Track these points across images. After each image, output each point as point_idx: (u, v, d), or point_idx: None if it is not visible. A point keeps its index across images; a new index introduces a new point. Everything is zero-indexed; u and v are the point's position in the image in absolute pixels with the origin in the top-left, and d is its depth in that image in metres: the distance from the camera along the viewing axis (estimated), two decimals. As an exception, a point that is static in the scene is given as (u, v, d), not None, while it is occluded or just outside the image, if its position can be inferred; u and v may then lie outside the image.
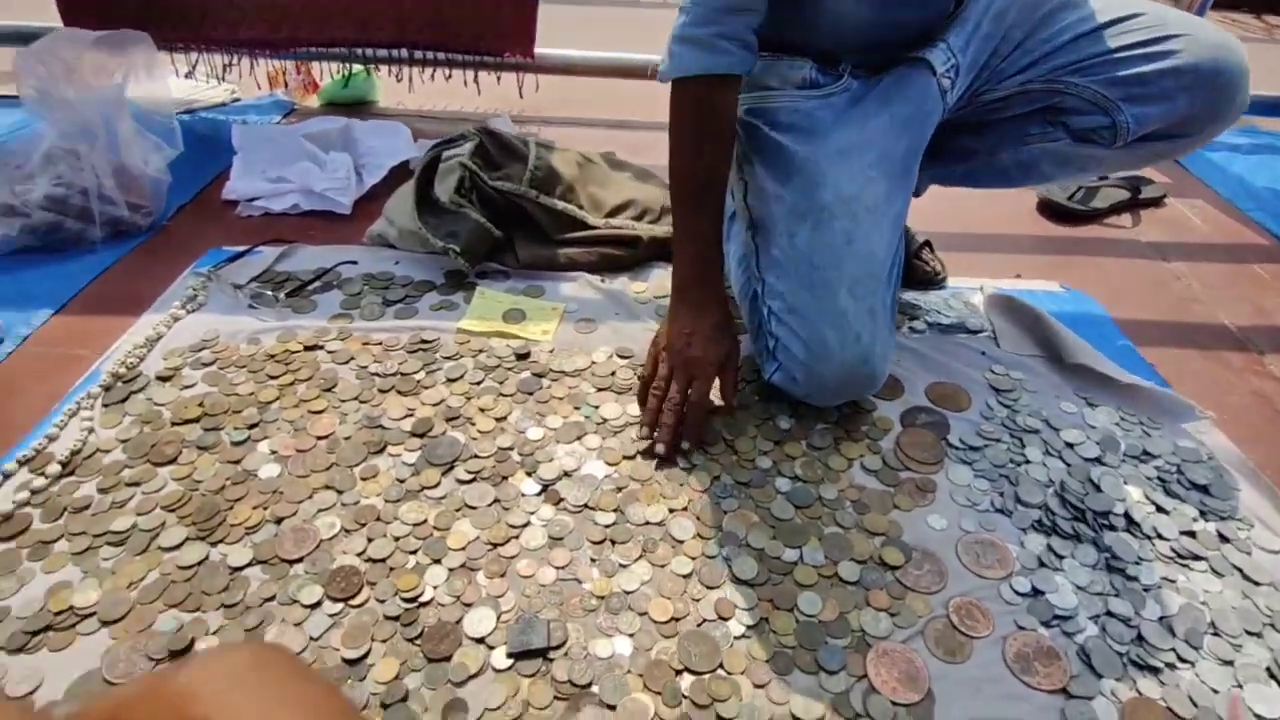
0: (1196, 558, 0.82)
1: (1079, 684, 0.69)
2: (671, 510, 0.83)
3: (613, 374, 1.01)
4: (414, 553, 0.78)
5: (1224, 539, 0.84)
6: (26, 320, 1.08)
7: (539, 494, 0.84)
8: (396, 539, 0.79)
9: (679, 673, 0.69)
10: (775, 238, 0.92)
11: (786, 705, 0.67)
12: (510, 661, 0.69)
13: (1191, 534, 0.84)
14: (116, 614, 0.71)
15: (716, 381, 0.90)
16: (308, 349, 1.03)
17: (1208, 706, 0.68)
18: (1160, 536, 0.83)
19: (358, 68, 1.72)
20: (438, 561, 0.77)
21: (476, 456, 0.88)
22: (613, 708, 0.66)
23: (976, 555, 0.81)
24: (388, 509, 0.82)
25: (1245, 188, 1.63)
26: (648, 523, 0.82)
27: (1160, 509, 0.87)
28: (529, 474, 0.87)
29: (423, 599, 0.73)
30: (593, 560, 0.78)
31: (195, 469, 0.86)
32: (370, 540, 0.78)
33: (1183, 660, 0.72)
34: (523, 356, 1.03)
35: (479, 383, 0.99)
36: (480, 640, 0.70)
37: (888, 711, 0.66)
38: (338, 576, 0.75)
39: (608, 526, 0.81)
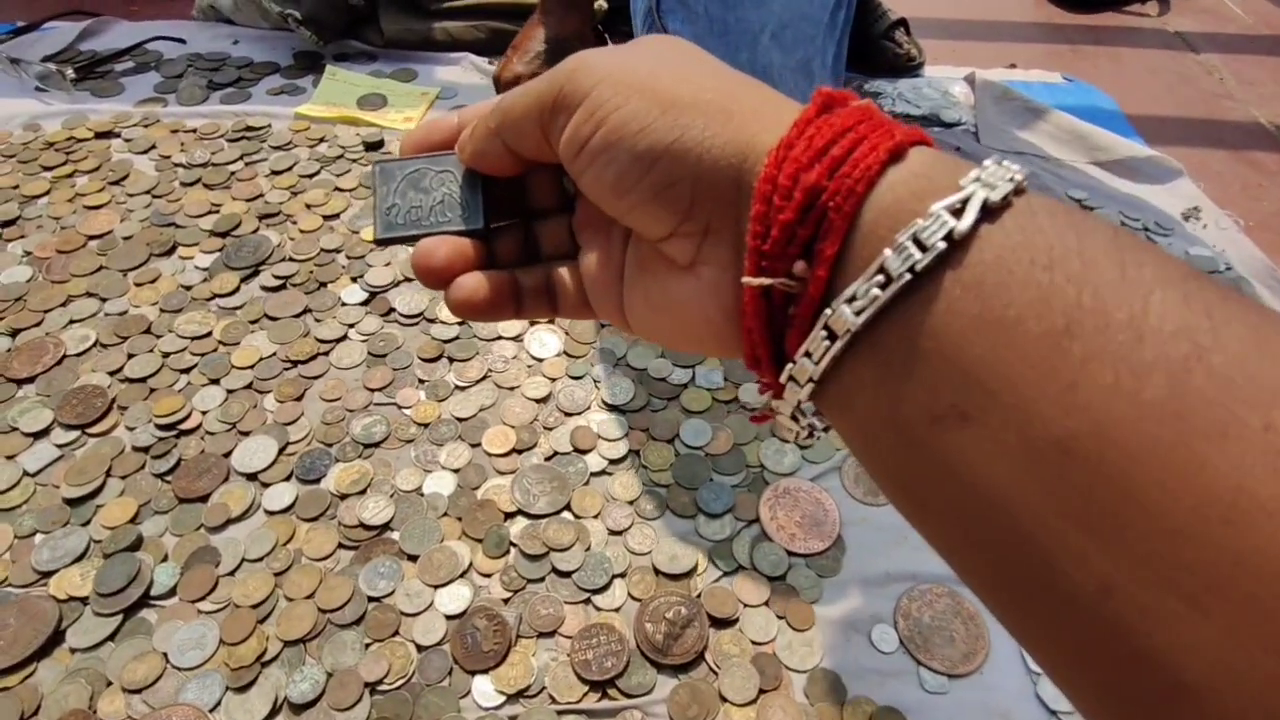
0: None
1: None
2: (533, 323, 0.65)
3: (485, 166, 0.79)
4: (187, 371, 0.60)
5: (1236, 360, 0.66)
6: None
7: (364, 303, 0.66)
8: (166, 355, 0.60)
9: (509, 516, 0.52)
10: (682, -36, 0.68)
11: (648, 555, 0.51)
12: (290, 499, 0.52)
13: (1196, 354, 0.66)
14: None
15: None
16: (99, 136, 0.81)
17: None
18: (1156, 357, 0.66)
19: None
20: (215, 382, 0.59)
21: (291, 259, 0.69)
22: (414, 558, 0.50)
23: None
24: (162, 320, 0.63)
25: (1301, -24, 1.34)
26: (499, 337, 0.64)
27: (1160, 325, 0.68)
28: (355, 279, 0.67)
29: (186, 426, 0.56)
30: (421, 381, 0.60)
31: (-80, 273, 0.66)
32: (130, 356, 0.60)
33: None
34: (374, 146, 0.81)
35: (312, 175, 0.78)
36: (252, 476, 0.53)
37: (780, 563, 0.51)
38: (73, 399, 0.57)
39: (447, 341, 0.63)
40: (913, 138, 0.17)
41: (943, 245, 0.15)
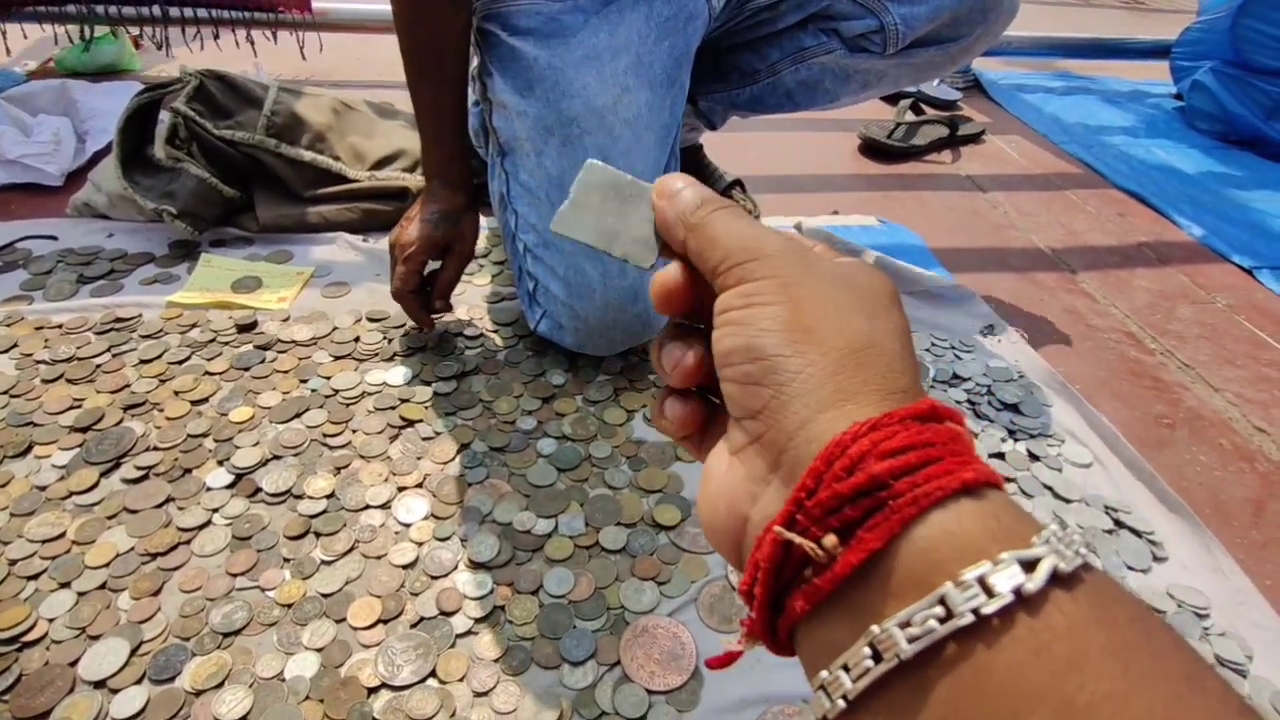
0: (1006, 480, 0.73)
1: (873, 638, 0.58)
2: (401, 489, 0.67)
3: (356, 340, 0.84)
4: (35, 578, 0.58)
5: (1034, 457, 0.76)
6: None
7: (229, 486, 0.67)
8: (13, 563, 0.59)
9: (372, 691, 0.53)
10: (522, 160, 0.78)
11: (513, 714, 0.52)
12: (141, 704, 0.51)
13: (1000, 455, 0.76)
14: None
15: None
16: (-45, 340, 0.81)
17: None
18: (967, 462, 0.75)
19: (100, 29, 1.47)
20: (66, 585, 0.58)
21: (155, 448, 0.70)
22: (272, 750, 0.49)
23: (766, 503, 0.69)
24: (12, 525, 0.62)
25: (1059, 124, 1.63)
26: (368, 506, 0.66)
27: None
28: (220, 463, 0.69)
29: (29, 637, 0.54)
30: (286, 560, 0.61)
31: None
32: (-28, 569, 0.59)
33: (989, 595, 0.63)
34: (246, 328, 0.85)
35: (182, 362, 0.80)
36: (100, 684, 0.52)
37: (641, 703, 0.53)
38: (-96, 622, 0.54)
39: (313, 516, 0.64)
40: (991, 478, 0.18)
41: (1010, 597, 0.15)
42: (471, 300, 0.92)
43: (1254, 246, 1.19)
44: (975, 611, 0.16)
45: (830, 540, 0.18)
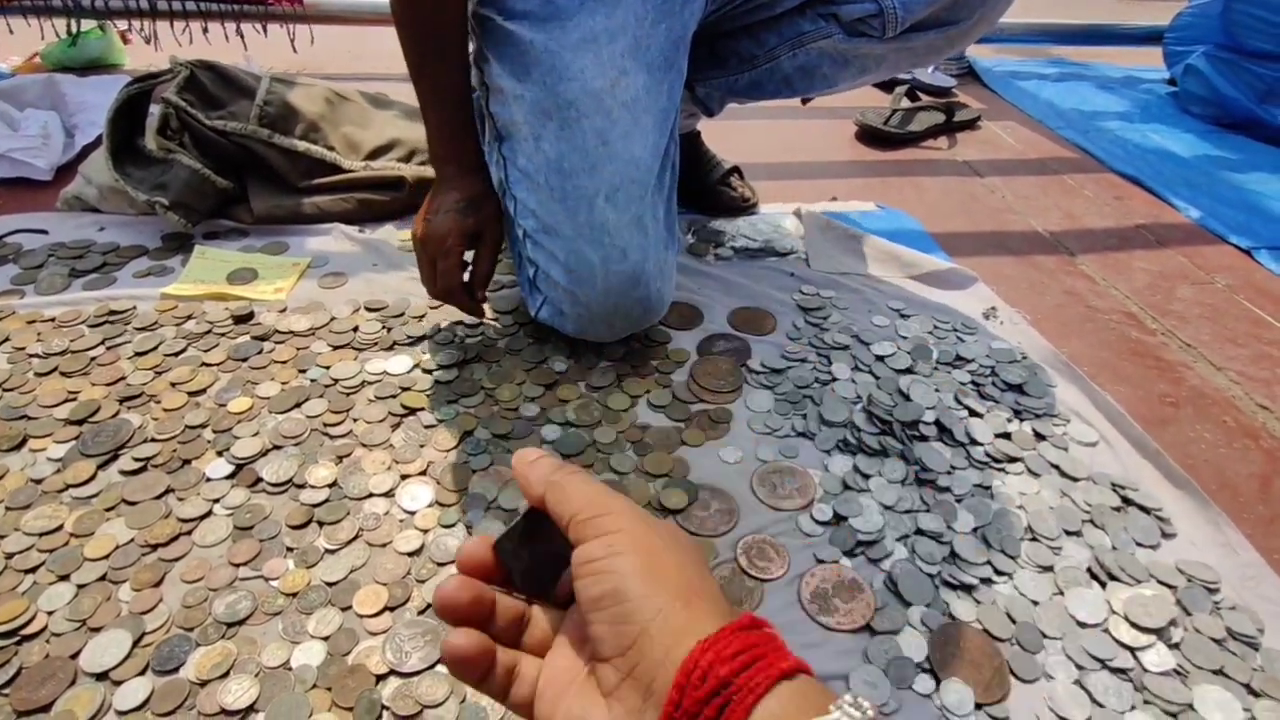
0: (1012, 459, 0.73)
1: (884, 617, 0.58)
2: (405, 477, 0.67)
3: (355, 329, 0.83)
4: (33, 570, 0.57)
5: (1040, 437, 0.76)
6: None
7: (229, 476, 0.66)
8: (9, 556, 0.58)
9: (380, 678, 0.52)
10: (520, 145, 0.77)
11: (524, 698, 0.51)
12: (145, 696, 0.50)
13: (1007, 435, 0.76)
14: None
15: None
16: (-54, 334, 0.80)
17: (1027, 621, 0.59)
18: (974, 442, 0.75)
19: (87, 22, 1.45)
20: (65, 578, 0.57)
21: (153, 440, 0.68)
22: (280, 739, 0.48)
23: (773, 486, 0.69)
24: (8, 519, 0.61)
25: (1054, 109, 1.63)
26: (371, 494, 0.65)
27: (974, 413, 0.78)
28: (220, 453, 0.68)
29: (28, 631, 0.53)
30: (289, 549, 0.60)
31: None
32: (-31, 563, 0.57)
33: (1000, 573, 0.63)
34: (243, 319, 0.84)
35: (178, 353, 0.79)
36: (102, 675, 0.51)
37: (653, 685, 0.52)
38: (-101, 617, 0.53)
39: (316, 505, 0.64)
40: (801, 667, 0.25)
41: None
42: (470, 289, 0.91)
43: (1251, 227, 1.20)
44: None
45: None
